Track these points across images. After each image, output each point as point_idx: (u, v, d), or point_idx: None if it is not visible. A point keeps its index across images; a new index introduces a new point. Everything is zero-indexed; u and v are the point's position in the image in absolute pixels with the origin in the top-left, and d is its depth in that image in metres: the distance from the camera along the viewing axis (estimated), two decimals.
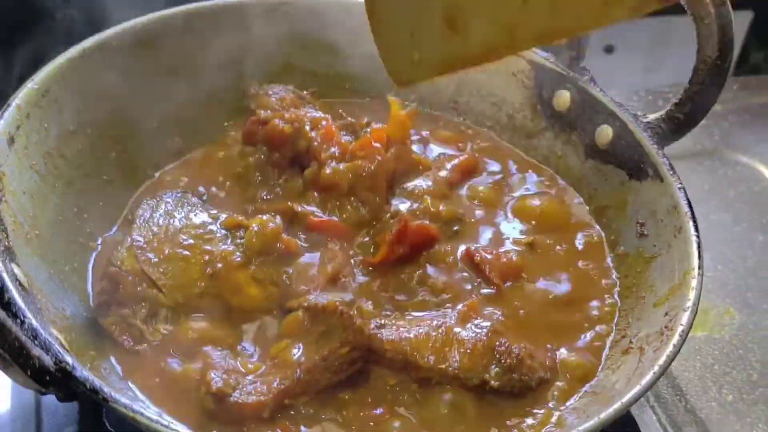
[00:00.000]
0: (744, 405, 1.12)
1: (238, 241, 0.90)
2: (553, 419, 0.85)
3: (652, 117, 1.01)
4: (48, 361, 0.67)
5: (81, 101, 0.96)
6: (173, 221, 0.90)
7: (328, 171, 0.99)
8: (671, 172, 0.97)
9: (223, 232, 0.91)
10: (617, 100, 1.07)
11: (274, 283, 0.89)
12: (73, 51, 0.96)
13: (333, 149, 1.02)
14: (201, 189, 1.03)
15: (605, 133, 1.05)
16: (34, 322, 0.69)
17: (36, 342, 0.67)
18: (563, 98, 1.10)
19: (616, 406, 0.76)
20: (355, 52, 1.17)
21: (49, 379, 0.67)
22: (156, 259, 0.85)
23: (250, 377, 0.80)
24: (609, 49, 1.84)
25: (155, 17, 1.05)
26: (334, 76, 1.19)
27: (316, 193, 1.00)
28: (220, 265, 0.87)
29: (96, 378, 0.68)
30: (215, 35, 1.09)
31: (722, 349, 1.19)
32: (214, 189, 1.04)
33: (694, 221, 0.93)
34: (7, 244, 0.77)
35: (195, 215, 0.94)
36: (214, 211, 0.94)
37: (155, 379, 0.81)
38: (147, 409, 0.70)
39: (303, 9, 1.15)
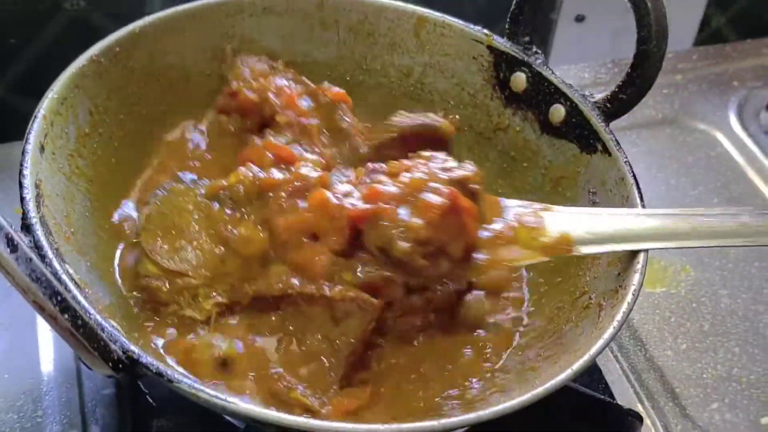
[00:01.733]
0: (696, 352, 1.39)
1: (228, 201, 1.10)
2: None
3: (599, 97, 1.24)
4: (118, 350, 0.86)
5: (92, 104, 1.18)
6: (169, 217, 1.10)
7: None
8: (618, 148, 1.20)
9: (211, 200, 1.11)
10: (571, 81, 1.32)
11: (271, 218, 1.08)
12: (83, 58, 1.16)
13: (288, 112, 1.25)
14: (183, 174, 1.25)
15: (558, 111, 1.29)
16: (98, 316, 0.88)
17: (105, 334, 0.85)
18: (519, 80, 1.33)
19: (586, 357, 0.95)
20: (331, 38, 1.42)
21: (121, 366, 0.86)
22: (171, 254, 1.07)
23: None
24: (580, 18, 2.09)
25: (151, 19, 1.25)
26: (312, 63, 1.42)
27: None
28: (223, 229, 1.08)
29: (158, 362, 0.88)
30: (204, 34, 1.32)
31: (678, 303, 1.46)
32: (197, 163, 1.27)
33: (639, 191, 1.15)
34: (56, 246, 0.95)
35: (183, 200, 1.11)
36: (200, 189, 1.14)
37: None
38: (206, 386, 0.88)
39: None
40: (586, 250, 1.12)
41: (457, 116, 1.34)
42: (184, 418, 1.11)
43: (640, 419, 1.22)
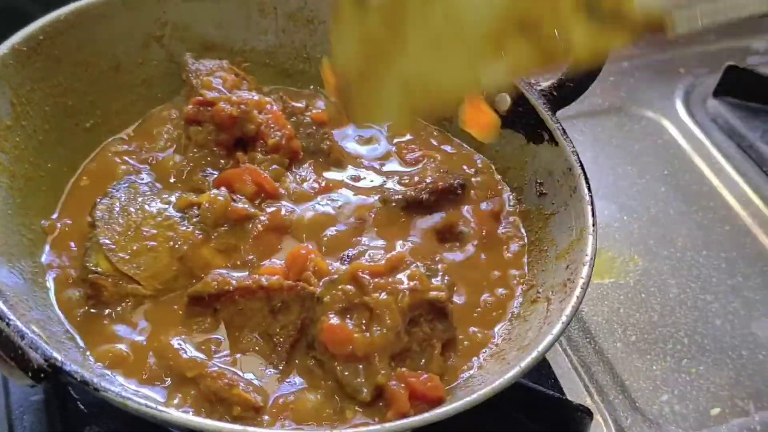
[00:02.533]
0: (645, 344, 1.36)
1: (195, 219, 1.09)
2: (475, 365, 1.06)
3: (545, 85, 1.22)
4: (39, 359, 0.81)
5: (14, 95, 1.12)
6: (132, 217, 1.07)
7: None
8: (565, 137, 1.18)
9: (179, 214, 1.09)
10: None
11: (236, 248, 1.09)
12: (4, 47, 1.11)
13: (278, 133, 1.22)
14: (144, 175, 1.20)
15: (504, 100, 1.26)
16: (18, 323, 0.84)
17: (24, 342, 0.81)
18: None
19: (534, 354, 0.94)
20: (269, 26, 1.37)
21: (42, 375, 0.82)
22: (127, 256, 1.04)
23: None
24: None
25: (78, 6, 1.20)
26: (250, 51, 1.38)
27: None
28: (185, 247, 1.06)
29: (83, 370, 0.84)
30: (135, 20, 1.27)
31: (627, 294, 1.44)
32: (153, 173, 1.21)
33: (587, 182, 1.13)
34: None
35: (149, 205, 1.10)
36: (166, 195, 1.12)
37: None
38: (135, 395, 0.86)
39: None
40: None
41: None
42: (117, 423, 1.06)
43: (590, 414, 1.20)
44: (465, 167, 1.31)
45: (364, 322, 0.99)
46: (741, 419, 1.29)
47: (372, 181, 1.26)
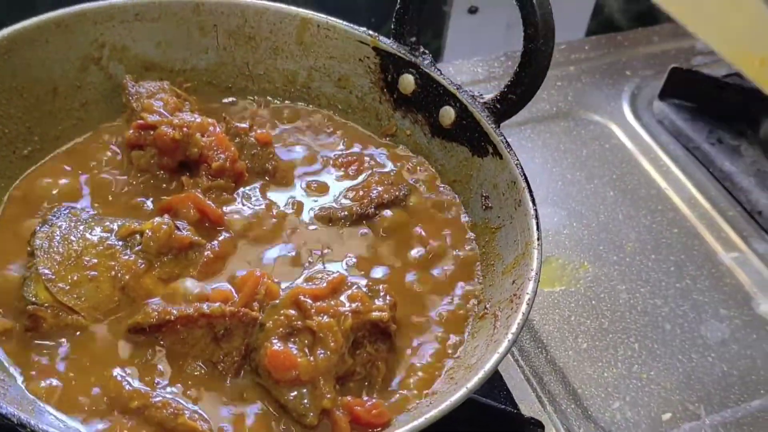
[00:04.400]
0: (597, 351, 1.38)
1: (137, 248, 1.07)
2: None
3: (488, 97, 1.22)
4: None
5: None
6: (72, 245, 1.05)
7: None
8: (508, 150, 1.17)
9: (121, 242, 1.07)
10: (466, 78, 1.30)
11: (179, 276, 1.07)
12: None
13: (222, 155, 1.20)
14: (84, 202, 1.17)
15: (448, 113, 1.26)
16: None
17: None
18: (407, 81, 1.30)
19: (480, 374, 0.93)
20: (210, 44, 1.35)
21: None
22: (67, 287, 1.01)
23: None
24: (473, 10, 2.07)
25: (7, 32, 1.16)
26: (191, 70, 1.36)
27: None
28: (127, 276, 1.04)
29: (21, 413, 0.82)
30: (71, 43, 1.24)
31: (578, 301, 1.45)
32: (98, 195, 1.18)
33: (531, 195, 1.12)
34: None
35: (90, 233, 1.08)
36: (108, 223, 1.09)
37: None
38: None
39: None
40: None
41: None
42: None
43: (542, 427, 1.20)
44: (410, 179, 1.30)
45: (307, 345, 0.98)
46: (692, 423, 1.31)
47: (317, 198, 1.25)
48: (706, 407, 1.33)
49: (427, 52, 1.30)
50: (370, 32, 1.33)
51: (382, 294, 1.06)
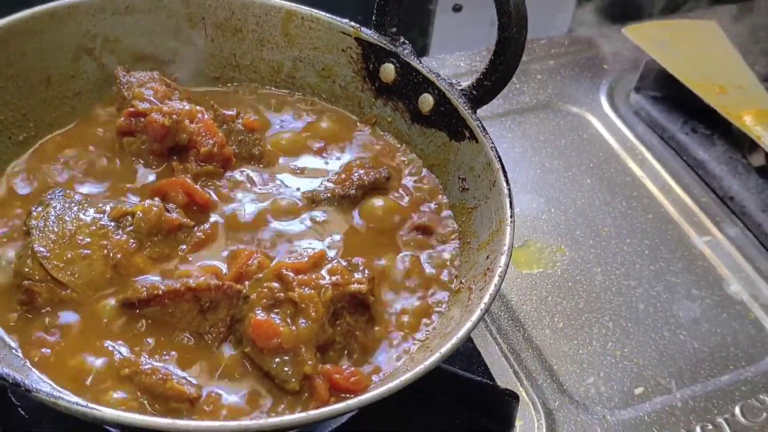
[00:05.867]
0: (572, 330, 1.42)
1: (129, 228, 1.10)
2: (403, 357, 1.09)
3: (465, 85, 1.25)
4: None
5: None
6: (67, 225, 1.08)
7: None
8: (484, 134, 1.21)
9: (113, 223, 1.10)
10: (449, 70, 1.33)
11: (168, 256, 1.11)
12: None
13: (210, 141, 1.23)
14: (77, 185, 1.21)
15: (427, 100, 1.30)
16: None
17: None
18: (388, 71, 1.34)
19: (453, 340, 0.96)
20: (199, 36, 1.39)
21: None
22: (62, 264, 1.05)
23: None
24: (457, 8, 2.11)
25: (5, 22, 1.20)
26: (179, 61, 1.40)
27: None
28: (119, 255, 1.08)
29: (15, 372, 0.85)
30: (64, 34, 1.27)
31: (555, 283, 1.49)
32: (91, 179, 1.22)
33: (505, 175, 1.16)
34: None
35: (84, 213, 1.11)
36: (101, 205, 1.13)
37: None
38: (66, 395, 0.88)
39: None
40: None
41: None
42: (59, 428, 1.08)
43: (517, 398, 1.24)
44: (390, 163, 1.34)
45: (289, 316, 1.02)
46: (663, 397, 1.35)
47: (301, 181, 1.29)
48: (677, 382, 1.37)
49: (407, 42, 1.34)
50: (353, 24, 1.36)
51: (361, 268, 1.09)
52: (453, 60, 1.92)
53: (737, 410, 1.34)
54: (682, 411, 1.33)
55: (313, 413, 0.89)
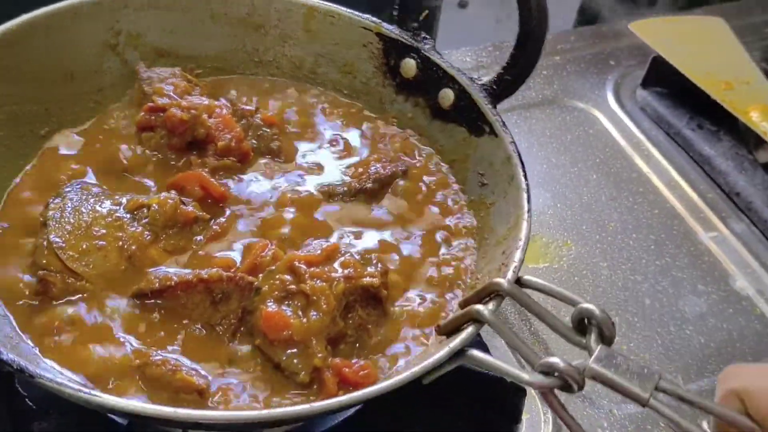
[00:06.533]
0: None
1: (144, 220, 1.03)
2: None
3: (485, 79, 1.16)
4: None
5: None
6: (83, 217, 1.02)
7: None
8: (504, 129, 1.12)
9: (129, 215, 1.04)
10: (457, 65, 1.25)
11: (183, 249, 1.05)
12: None
13: (228, 136, 1.17)
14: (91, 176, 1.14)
15: (447, 96, 1.21)
16: None
17: None
18: (409, 66, 1.25)
19: (463, 335, 0.91)
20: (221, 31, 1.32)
21: None
22: (77, 255, 0.98)
23: None
24: (463, 5, 2.05)
25: (29, 18, 1.13)
26: (203, 57, 1.32)
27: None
28: (134, 247, 1.01)
29: (20, 358, 0.79)
30: (88, 30, 1.20)
31: (561, 277, 1.41)
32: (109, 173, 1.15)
33: (524, 170, 1.08)
34: None
35: (100, 206, 1.05)
36: (117, 197, 1.06)
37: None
38: (70, 381, 0.81)
39: None
40: None
41: None
42: (66, 419, 1.00)
43: (524, 392, 1.16)
44: (408, 158, 1.27)
45: (300, 308, 0.94)
46: None
47: (319, 176, 1.21)
48: (683, 377, 1.28)
49: (428, 36, 1.24)
50: (374, 19, 1.27)
51: (374, 262, 1.01)
52: (459, 55, 1.83)
53: None
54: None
55: (317, 405, 0.81)
